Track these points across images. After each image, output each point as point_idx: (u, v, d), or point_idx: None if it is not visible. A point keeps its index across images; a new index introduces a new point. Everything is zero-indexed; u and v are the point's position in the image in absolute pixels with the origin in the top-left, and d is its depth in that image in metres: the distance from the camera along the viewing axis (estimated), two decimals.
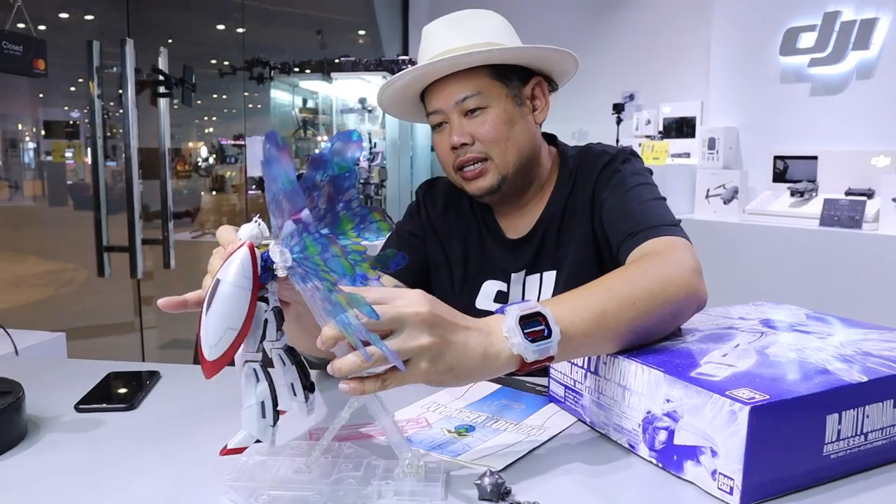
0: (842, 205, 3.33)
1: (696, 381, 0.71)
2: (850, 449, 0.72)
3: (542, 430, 0.87)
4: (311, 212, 0.66)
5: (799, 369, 0.75)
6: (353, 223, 0.72)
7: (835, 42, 3.65)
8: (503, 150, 1.18)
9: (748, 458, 0.66)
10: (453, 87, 1.17)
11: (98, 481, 0.77)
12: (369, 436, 0.86)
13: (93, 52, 2.55)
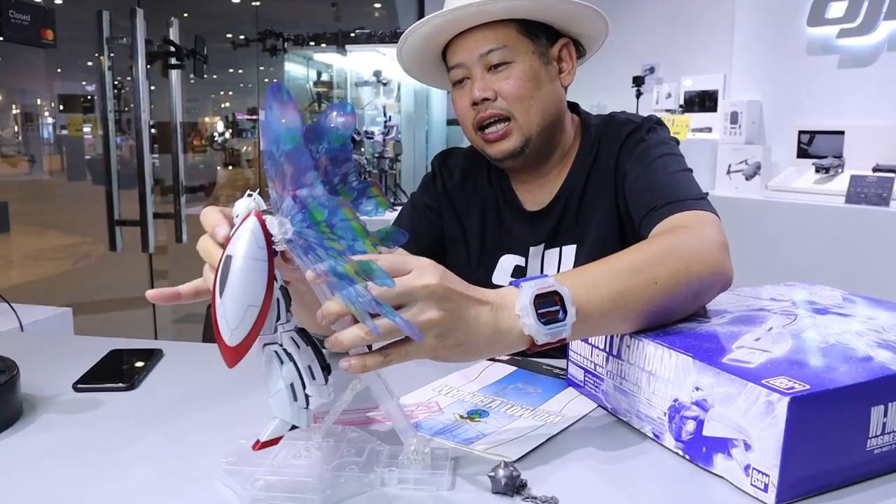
0: (869, 181, 3.23)
1: (728, 368, 0.66)
2: (885, 446, 0.67)
3: (559, 416, 0.82)
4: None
5: (840, 356, 0.70)
6: (350, 198, 0.67)
7: (865, 12, 3.53)
8: (527, 109, 1.11)
9: (786, 452, 0.60)
10: (478, 39, 1.10)
11: (92, 464, 0.74)
12: (376, 420, 0.82)
13: (102, 23, 2.51)
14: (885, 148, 3.42)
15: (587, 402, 0.86)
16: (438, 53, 1.19)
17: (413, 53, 1.19)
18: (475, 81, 1.11)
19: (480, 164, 1.28)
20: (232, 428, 0.82)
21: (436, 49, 1.18)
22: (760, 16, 4.03)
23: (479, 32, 1.11)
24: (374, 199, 0.69)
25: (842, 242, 3.19)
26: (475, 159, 1.28)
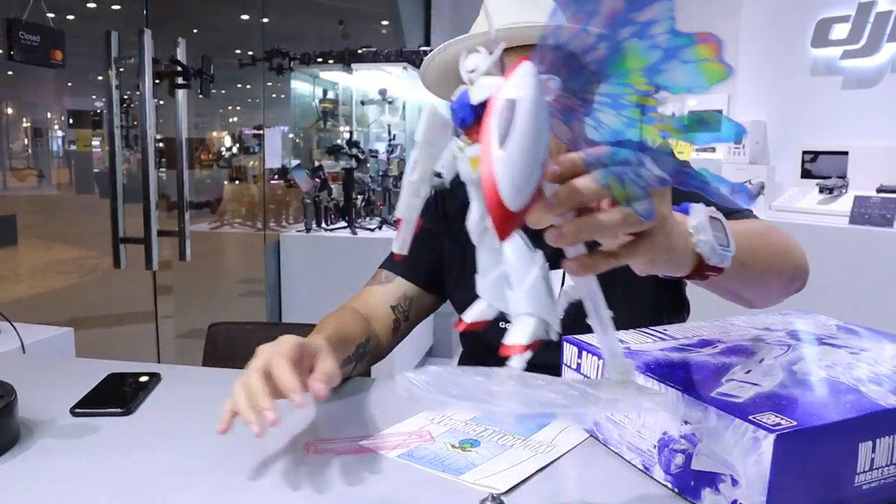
0: (873, 202, 3.23)
1: (716, 403, 0.66)
2: (884, 479, 0.67)
3: (551, 447, 0.82)
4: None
5: (829, 390, 0.70)
6: (644, 60, 0.49)
7: (869, 33, 3.54)
8: None
9: (772, 489, 0.60)
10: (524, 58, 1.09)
11: (87, 491, 0.74)
12: (369, 450, 0.82)
13: (111, 43, 2.53)
14: (889, 168, 3.42)
15: (579, 433, 0.86)
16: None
17: (443, 67, 1.16)
18: None
19: None
20: (228, 454, 0.82)
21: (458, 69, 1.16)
22: (765, 36, 4.04)
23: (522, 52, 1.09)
24: (694, 63, 0.49)
25: (846, 264, 3.18)
26: None
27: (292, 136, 4.75)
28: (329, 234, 3.58)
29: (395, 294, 1.23)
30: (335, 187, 3.77)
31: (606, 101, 0.50)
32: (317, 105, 4.56)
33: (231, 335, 1.75)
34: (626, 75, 0.49)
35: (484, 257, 0.57)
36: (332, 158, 4.10)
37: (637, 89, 0.49)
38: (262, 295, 3.65)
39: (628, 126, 0.50)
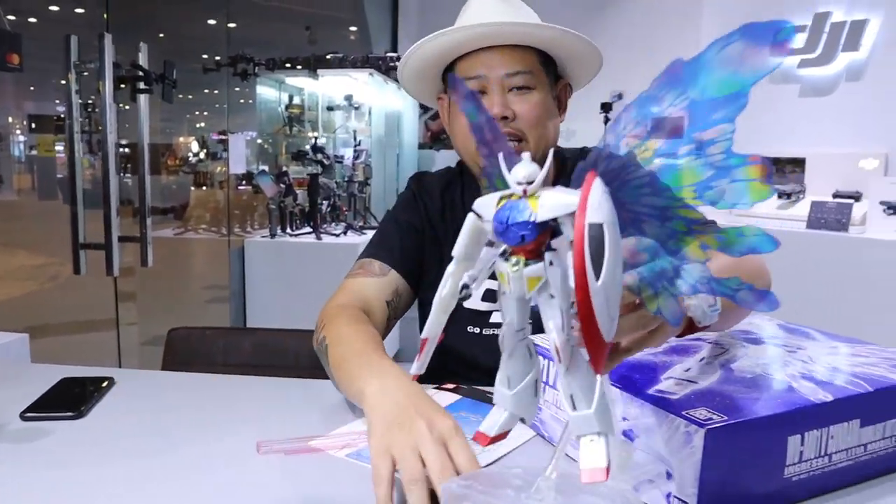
0: (829, 207, 3.31)
1: (652, 400, 0.68)
2: (812, 471, 0.69)
3: (497, 444, 0.83)
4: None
5: (763, 387, 0.72)
6: (698, 176, 0.50)
7: (825, 43, 3.64)
8: (538, 135, 1.14)
9: (703, 482, 0.63)
10: (505, 57, 1.11)
11: (34, 494, 0.73)
12: (318, 450, 0.83)
13: (70, 47, 2.51)
14: (845, 174, 3.51)
15: (527, 431, 0.88)
16: (443, 67, 1.18)
17: (424, 63, 1.17)
18: (495, 97, 1.11)
19: (455, 188, 1.28)
20: (178, 456, 0.83)
21: (444, 62, 1.17)
22: None
23: (506, 51, 1.12)
24: (744, 182, 0.49)
25: (803, 267, 3.25)
26: (450, 184, 1.29)
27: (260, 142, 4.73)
28: (294, 239, 3.57)
29: (389, 289, 1.18)
30: (300, 193, 3.76)
31: (654, 212, 0.51)
32: (283, 111, 4.55)
33: (191, 340, 1.75)
34: (679, 189, 0.50)
35: (512, 368, 0.57)
36: (297, 164, 4.09)
37: (685, 203, 0.49)
38: (226, 301, 3.62)
39: (670, 237, 0.51)
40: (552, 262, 0.50)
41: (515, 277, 0.51)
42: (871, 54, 3.50)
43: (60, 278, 5.86)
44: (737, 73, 0.48)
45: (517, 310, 0.54)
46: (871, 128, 3.51)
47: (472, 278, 0.55)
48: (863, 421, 0.72)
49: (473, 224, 0.56)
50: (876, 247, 3.05)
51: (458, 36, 1.10)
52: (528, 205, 0.50)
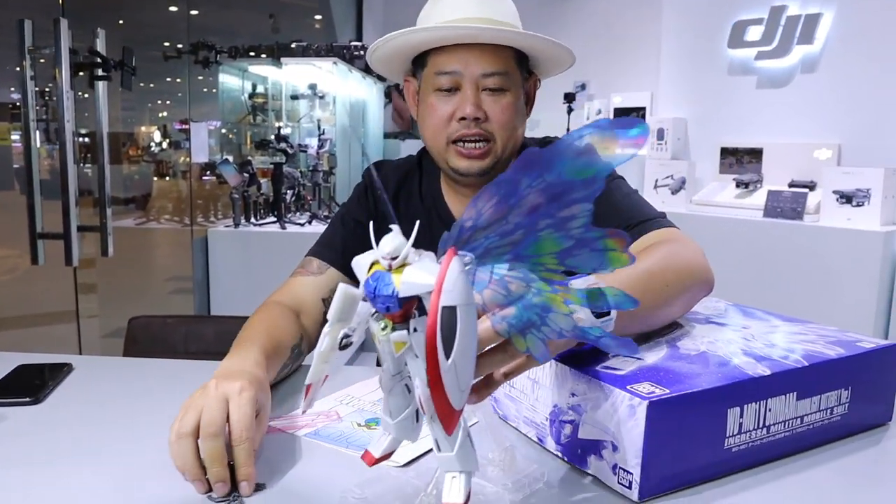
0: (784, 196, 3.39)
1: (599, 375, 0.71)
2: (752, 442, 0.73)
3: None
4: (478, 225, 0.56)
5: (705, 363, 0.75)
6: (558, 246, 0.55)
7: (780, 36, 3.71)
8: (507, 137, 1.15)
9: (646, 452, 0.65)
10: (486, 57, 1.11)
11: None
12: (279, 430, 0.84)
13: (24, 32, 2.46)
14: (800, 164, 3.59)
15: (480, 410, 0.90)
16: (415, 54, 1.19)
17: (396, 50, 1.17)
18: (470, 98, 1.11)
19: (413, 178, 1.29)
20: (137, 438, 0.83)
21: (417, 51, 1.17)
22: (685, 37, 4.19)
23: (485, 50, 1.11)
24: (603, 253, 0.55)
25: (760, 254, 3.33)
26: (408, 173, 1.30)
27: (224, 132, 4.69)
28: (258, 228, 3.55)
29: (327, 286, 1.20)
30: (264, 182, 3.74)
31: (518, 275, 0.56)
32: (246, 99, 4.51)
33: (151, 328, 1.74)
34: (539, 256, 0.54)
35: (393, 403, 0.62)
36: (261, 153, 4.07)
37: (547, 268, 0.55)
38: (190, 292, 3.59)
39: (535, 294, 0.56)
40: (416, 328, 0.56)
41: (384, 340, 0.57)
42: (824, 47, 3.58)
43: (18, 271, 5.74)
44: (590, 162, 0.52)
45: (391, 360, 0.60)
46: (825, 119, 3.59)
47: (352, 330, 0.60)
48: (799, 394, 0.75)
49: (344, 291, 0.60)
50: (829, 235, 3.13)
51: (440, 34, 1.11)
52: (392, 280, 0.55)
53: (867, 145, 3.44)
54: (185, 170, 4.64)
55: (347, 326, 0.60)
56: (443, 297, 0.50)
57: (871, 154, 3.39)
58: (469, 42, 1.11)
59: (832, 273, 3.07)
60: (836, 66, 3.56)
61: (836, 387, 0.79)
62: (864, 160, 3.38)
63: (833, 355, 0.79)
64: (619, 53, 4.76)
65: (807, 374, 0.76)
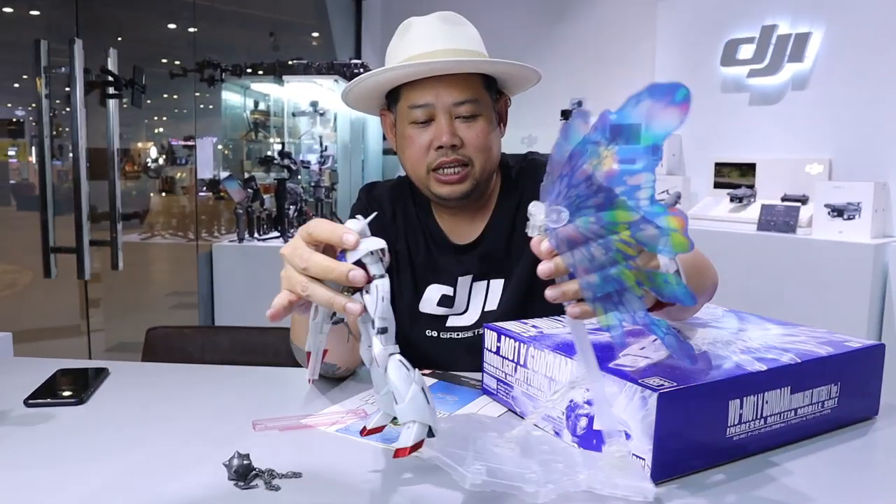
0: (777, 210, 3.48)
1: (612, 371, 0.78)
2: (751, 432, 0.80)
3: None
4: (573, 183, 0.60)
5: (706, 361, 0.82)
6: (629, 217, 0.58)
7: (772, 54, 3.81)
8: (484, 159, 1.21)
9: (657, 439, 0.72)
10: (456, 87, 1.17)
11: (51, 474, 0.79)
12: (308, 426, 0.91)
13: (40, 52, 2.53)
14: (792, 179, 3.68)
15: (499, 407, 0.97)
16: (388, 90, 1.25)
17: (370, 89, 1.24)
18: (445, 128, 1.17)
19: (407, 199, 1.35)
20: (182, 438, 0.90)
21: (390, 87, 1.24)
22: (678, 55, 4.29)
23: (454, 80, 1.17)
24: (667, 235, 0.58)
25: (754, 266, 3.41)
26: (401, 194, 1.36)
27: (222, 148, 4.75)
28: (262, 243, 3.61)
29: None
30: (267, 198, 3.81)
31: (600, 241, 0.61)
32: (248, 116, 4.59)
33: (169, 338, 1.79)
34: (616, 224, 0.59)
35: (375, 378, 0.70)
36: (263, 170, 4.13)
37: (622, 239, 0.59)
38: (194, 307, 3.64)
39: (612, 265, 0.61)
40: (367, 291, 0.67)
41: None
42: (814, 65, 3.68)
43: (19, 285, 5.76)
44: (651, 129, 0.57)
45: (364, 331, 0.70)
46: (816, 135, 3.69)
47: None
48: (793, 388, 0.82)
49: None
50: (821, 247, 3.21)
51: (409, 70, 1.17)
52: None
53: (857, 160, 3.53)
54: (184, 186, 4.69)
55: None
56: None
57: (862, 168, 3.48)
58: (439, 74, 1.18)
59: (825, 284, 3.14)
60: (826, 84, 3.66)
61: (827, 382, 0.86)
62: (854, 174, 3.48)
63: (823, 353, 0.86)
64: (614, 71, 4.87)
65: (800, 369, 0.83)
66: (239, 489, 0.75)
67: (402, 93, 1.22)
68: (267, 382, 1.14)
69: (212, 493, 0.74)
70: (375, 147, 5.62)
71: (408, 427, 0.65)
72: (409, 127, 1.21)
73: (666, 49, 4.35)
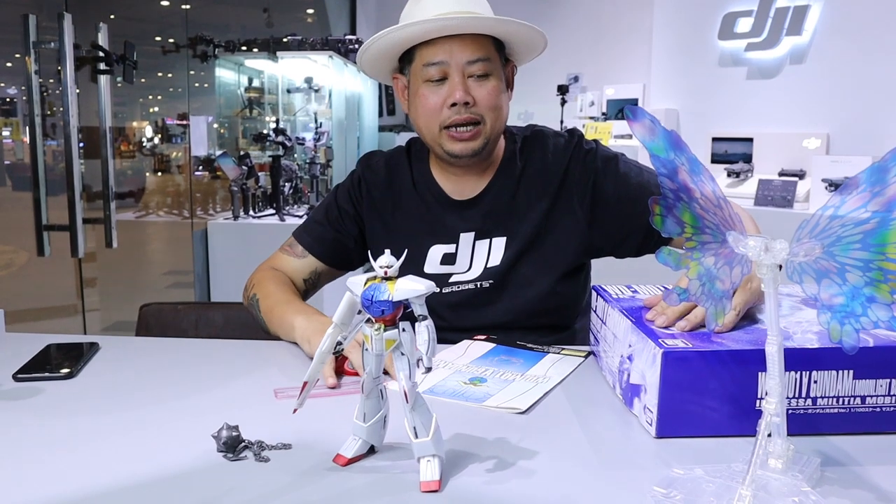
0: (775, 185, 3.46)
1: (644, 329, 0.81)
2: (792, 409, 0.76)
3: (545, 378, 0.98)
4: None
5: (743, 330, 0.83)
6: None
7: (770, 27, 3.78)
8: (495, 118, 1.23)
9: (662, 395, 0.74)
10: (469, 46, 1.20)
11: (39, 448, 0.78)
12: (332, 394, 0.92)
13: (29, 27, 2.48)
14: (790, 153, 3.66)
15: (565, 367, 1.02)
16: (402, 51, 1.26)
17: (384, 49, 1.25)
18: (459, 85, 1.19)
19: (403, 166, 1.36)
20: (167, 410, 0.89)
21: (403, 48, 1.25)
22: (675, 29, 4.25)
23: (467, 40, 1.20)
24: None
25: None
26: (397, 160, 1.37)
27: (217, 126, 4.71)
28: (257, 221, 3.59)
29: (307, 269, 1.36)
30: (262, 175, 3.78)
31: (858, 263, 0.61)
32: (242, 93, 4.54)
33: (163, 315, 1.78)
34: (884, 245, 0.59)
35: (368, 406, 0.73)
36: (258, 147, 4.10)
37: (888, 257, 0.60)
38: (190, 285, 3.63)
39: (867, 284, 0.61)
40: (404, 329, 0.69)
41: (377, 339, 0.70)
42: (812, 38, 3.65)
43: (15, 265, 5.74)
44: None
45: (375, 363, 0.71)
46: (814, 109, 3.67)
47: (344, 338, 0.74)
48: (857, 374, 0.78)
49: (350, 299, 0.73)
50: None
51: (425, 27, 1.18)
52: (387, 287, 0.68)
53: (855, 134, 3.51)
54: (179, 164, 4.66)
55: (344, 332, 0.73)
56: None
57: (859, 143, 3.47)
58: (452, 34, 1.19)
59: None
60: (824, 57, 3.63)
61: None
62: (851, 149, 3.46)
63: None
64: (611, 45, 4.82)
65: (870, 355, 0.77)
66: (228, 461, 0.74)
67: (416, 52, 1.24)
68: (262, 355, 1.13)
69: (201, 464, 0.73)
70: (371, 123, 5.58)
71: (429, 461, 0.68)
72: (423, 86, 1.23)
73: (663, 23, 4.31)
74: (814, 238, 0.61)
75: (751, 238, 0.64)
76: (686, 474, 0.66)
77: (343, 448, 0.74)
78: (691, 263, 0.70)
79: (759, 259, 0.63)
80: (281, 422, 0.83)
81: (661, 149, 0.66)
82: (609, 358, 0.94)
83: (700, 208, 0.66)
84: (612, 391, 0.92)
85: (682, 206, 0.68)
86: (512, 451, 0.76)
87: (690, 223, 0.68)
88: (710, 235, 0.68)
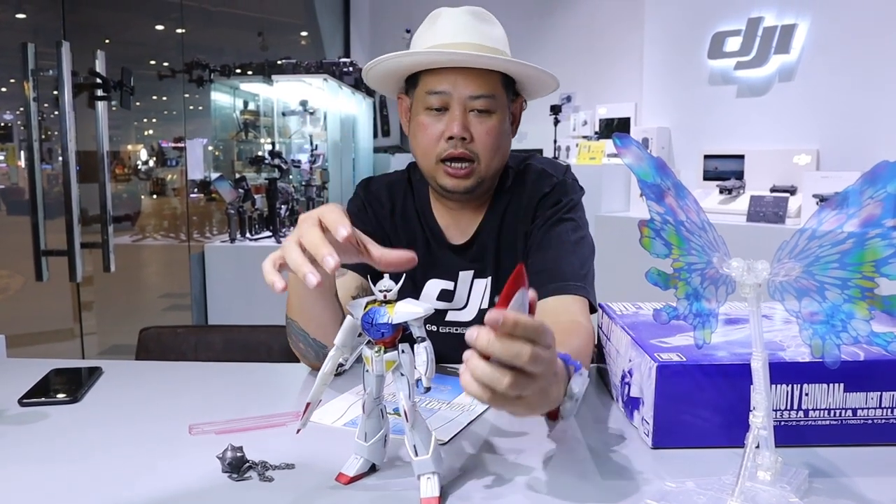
0: (766, 201, 3.50)
1: (642, 344, 0.83)
2: (782, 421, 0.79)
3: (473, 405, 0.95)
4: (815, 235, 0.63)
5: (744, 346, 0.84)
6: (879, 255, 0.60)
7: (758, 46, 3.84)
8: (491, 158, 1.20)
9: (657, 407, 0.77)
10: (474, 80, 1.17)
11: (46, 472, 0.79)
12: (248, 429, 0.91)
13: (27, 55, 2.52)
14: (781, 170, 3.71)
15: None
16: (408, 74, 1.25)
17: (391, 70, 1.24)
18: (458, 118, 1.17)
19: (407, 195, 1.35)
20: (170, 433, 0.90)
21: (408, 72, 1.24)
22: (666, 49, 4.31)
23: (473, 73, 1.17)
24: None
25: (744, 257, 3.40)
26: (399, 189, 1.35)
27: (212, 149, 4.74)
28: (254, 243, 3.61)
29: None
30: (258, 198, 3.80)
31: (836, 282, 0.63)
32: (238, 116, 4.58)
33: (162, 338, 1.79)
34: (860, 264, 0.61)
35: (369, 425, 0.75)
36: (254, 170, 4.13)
37: (865, 275, 0.61)
38: (188, 308, 3.64)
39: (846, 301, 0.63)
40: (403, 350, 0.71)
41: (377, 361, 0.71)
42: (800, 56, 3.71)
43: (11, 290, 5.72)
44: None
45: (376, 384, 0.73)
46: (803, 125, 3.71)
47: (346, 359, 0.75)
48: (847, 386, 0.79)
49: (350, 322, 0.74)
50: None
51: (431, 58, 1.17)
52: (387, 311, 0.71)
53: (844, 149, 3.56)
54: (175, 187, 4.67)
55: (345, 354, 0.75)
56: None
57: (849, 158, 3.51)
58: (460, 66, 1.17)
59: None
60: (813, 75, 3.69)
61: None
62: (841, 164, 3.51)
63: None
64: (603, 65, 4.88)
65: (854, 368, 0.79)
66: (233, 481, 0.75)
67: (420, 78, 1.22)
68: (259, 378, 1.14)
69: (206, 485, 0.74)
70: (366, 145, 5.62)
71: (429, 478, 0.70)
72: (424, 113, 1.21)
73: (653, 42, 4.37)
74: (794, 258, 0.64)
75: (734, 259, 0.66)
76: (678, 487, 0.69)
77: (345, 467, 0.76)
78: (679, 283, 0.72)
79: (741, 279, 0.66)
80: (284, 442, 0.84)
81: (649, 174, 0.69)
82: (613, 373, 0.97)
83: (686, 231, 0.69)
84: (617, 405, 0.95)
85: (669, 228, 0.70)
86: (512, 467, 0.78)
87: (677, 245, 0.70)
88: (696, 256, 0.70)
